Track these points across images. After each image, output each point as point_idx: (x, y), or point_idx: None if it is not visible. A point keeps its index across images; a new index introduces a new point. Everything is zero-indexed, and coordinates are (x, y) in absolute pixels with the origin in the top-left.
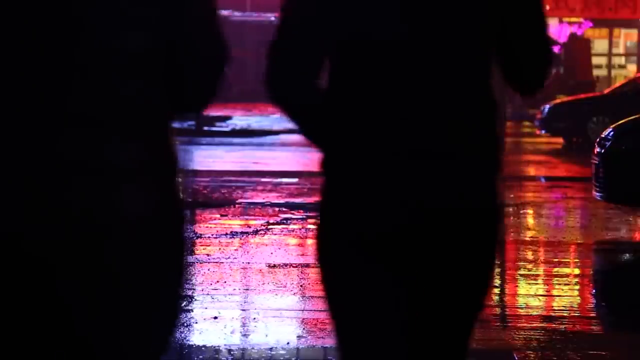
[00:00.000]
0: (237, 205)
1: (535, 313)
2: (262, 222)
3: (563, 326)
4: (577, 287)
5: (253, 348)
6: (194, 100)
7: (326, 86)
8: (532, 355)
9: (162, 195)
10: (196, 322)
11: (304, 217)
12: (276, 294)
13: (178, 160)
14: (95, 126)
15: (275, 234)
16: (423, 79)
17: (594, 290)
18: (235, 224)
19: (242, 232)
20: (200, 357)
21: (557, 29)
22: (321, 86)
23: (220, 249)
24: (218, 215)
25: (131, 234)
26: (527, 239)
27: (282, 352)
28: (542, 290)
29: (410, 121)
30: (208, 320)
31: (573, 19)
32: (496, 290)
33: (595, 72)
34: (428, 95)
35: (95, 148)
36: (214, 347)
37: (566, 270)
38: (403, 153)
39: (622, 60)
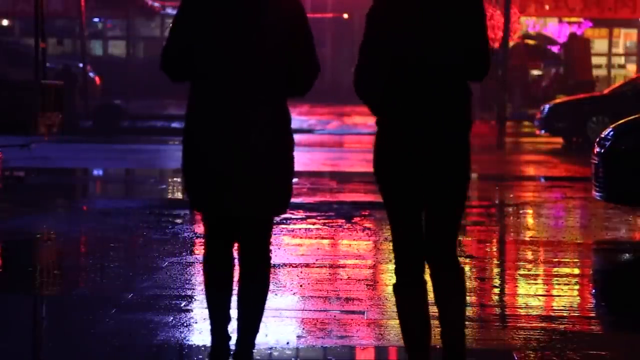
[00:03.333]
0: None
1: (535, 313)
2: None
3: (563, 326)
4: (577, 287)
5: None
6: (300, 91)
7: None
8: (532, 355)
9: (285, 130)
10: (196, 322)
11: (304, 217)
12: (276, 294)
13: (290, 116)
14: (257, 105)
15: (275, 234)
16: (431, 77)
17: (594, 290)
18: None
19: None
20: (200, 357)
21: (557, 29)
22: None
23: None
24: None
25: (277, 152)
26: (527, 239)
27: (282, 352)
28: (542, 290)
29: (420, 100)
30: (208, 320)
31: (573, 19)
32: (496, 290)
33: (595, 72)
34: (431, 85)
35: (259, 110)
36: None
37: (566, 270)
38: (413, 112)
39: (622, 60)
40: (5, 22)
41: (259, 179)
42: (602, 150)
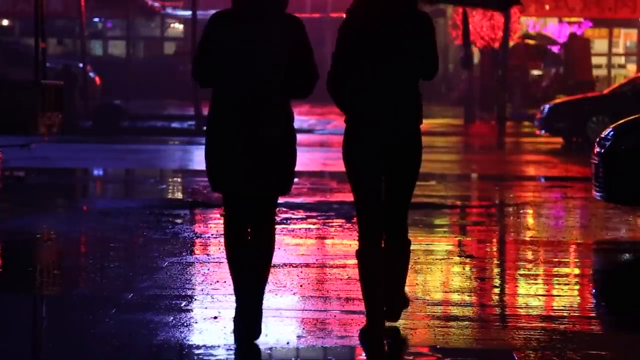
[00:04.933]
0: None
1: (535, 313)
2: None
3: (563, 326)
4: (577, 287)
5: None
6: (302, 95)
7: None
8: (532, 355)
9: (289, 126)
10: (196, 322)
11: (304, 217)
12: (276, 294)
13: (293, 115)
14: (267, 105)
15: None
16: (388, 81)
17: (594, 290)
18: None
19: None
20: (200, 357)
21: (557, 29)
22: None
23: (220, 249)
24: (218, 215)
25: (283, 142)
26: (527, 239)
27: (282, 352)
28: (542, 290)
29: (380, 102)
30: (208, 320)
31: (573, 19)
32: (496, 290)
33: (595, 72)
34: (390, 86)
35: (267, 110)
36: (214, 347)
37: (566, 270)
38: (375, 112)
39: (622, 60)
40: (5, 22)
41: (268, 165)
42: (602, 150)
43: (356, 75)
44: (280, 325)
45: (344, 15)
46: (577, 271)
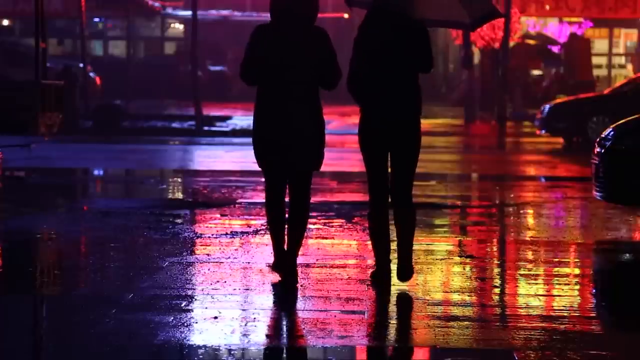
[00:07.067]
0: (237, 205)
1: (535, 313)
2: (262, 222)
3: (563, 326)
4: (577, 287)
5: (253, 348)
6: (329, 89)
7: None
8: (532, 355)
9: (319, 116)
10: (196, 322)
11: None
12: (276, 294)
13: (322, 108)
14: (300, 100)
15: None
16: (393, 80)
17: (594, 290)
18: (235, 224)
19: (242, 232)
20: (200, 357)
21: (557, 29)
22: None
23: (220, 249)
24: (218, 215)
25: (313, 129)
26: (527, 239)
27: (282, 352)
28: (542, 290)
29: (387, 94)
30: (208, 320)
31: (573, 19)
32: (496, 290)
33: (596, 72)
34: (395, 84)
35: (300, 105)
36: (214, 347)
37: (566, 270)
38: (383, 102)
39: (622, 60)
40: (5, 22)
41: (304, 146)
42: (602, 150)
43: (369, 75)
44: (280, 325)
45: (357, 31)
46: (577, 271)
